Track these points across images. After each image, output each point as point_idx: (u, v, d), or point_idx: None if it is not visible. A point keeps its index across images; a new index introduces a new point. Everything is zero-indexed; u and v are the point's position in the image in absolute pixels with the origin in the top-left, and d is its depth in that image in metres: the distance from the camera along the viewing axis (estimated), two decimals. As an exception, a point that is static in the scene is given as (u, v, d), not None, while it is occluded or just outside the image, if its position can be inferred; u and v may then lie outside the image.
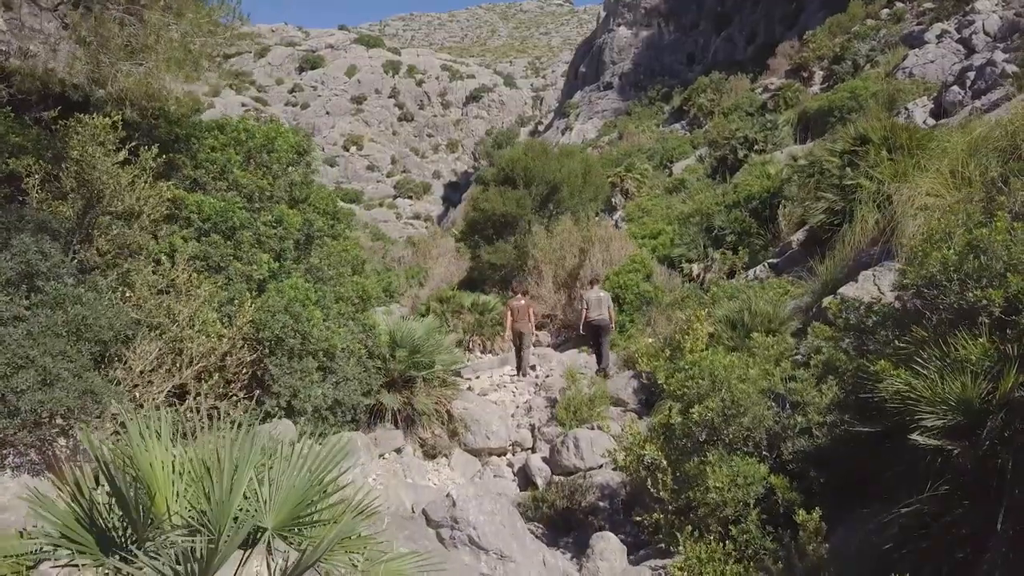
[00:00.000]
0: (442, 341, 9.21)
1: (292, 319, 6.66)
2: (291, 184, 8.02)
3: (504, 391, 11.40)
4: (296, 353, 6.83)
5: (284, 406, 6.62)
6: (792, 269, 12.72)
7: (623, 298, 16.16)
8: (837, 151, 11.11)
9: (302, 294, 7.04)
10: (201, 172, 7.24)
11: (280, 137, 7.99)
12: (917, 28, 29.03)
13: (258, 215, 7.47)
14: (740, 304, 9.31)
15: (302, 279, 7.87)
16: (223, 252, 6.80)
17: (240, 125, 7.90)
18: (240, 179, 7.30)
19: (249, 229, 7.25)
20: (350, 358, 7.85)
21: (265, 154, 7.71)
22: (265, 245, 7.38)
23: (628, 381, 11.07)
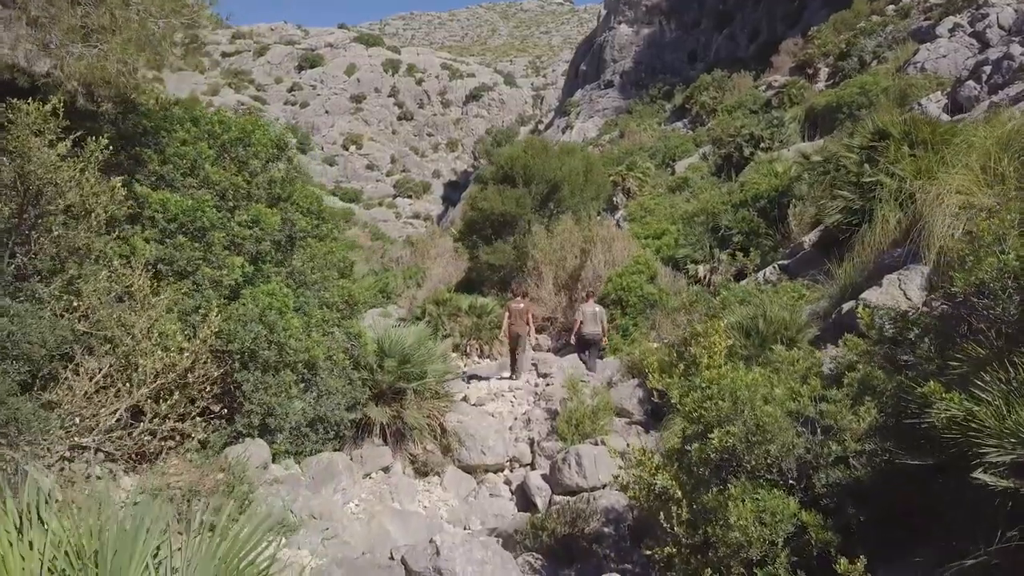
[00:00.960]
0: (434, 349, 8.60)
1: (266, 329, 6.05)
2: (270, 181, 7.41)
3: (502, 401, 10.78)
4: (271, 366, 6.23)
5: (257, 425, 6.02)
6: (805, 271, 12.10)
7: (626, 301, 15.56)
8: (854, 147, 10.49)
9: (279, 301, 6.44)
10: (169, 168, 6.63)
11: (258, 130, 7.38)
12: (925, 23, 28.42)
13: (232, 215, 6.86)
14: (754, 310, 8.70)
15: (282, 284, 7.26)
16: (190, 255, 6.19)
17: (215, 117, 7.29)
18: (212, 175, 6.69)
19: (222, 230, 6.64)
20: (333, 369, 7.25)
21: (241, 148, 7.10)
22: (240, 248, 6.77)
23: (633, 390, 10.47)
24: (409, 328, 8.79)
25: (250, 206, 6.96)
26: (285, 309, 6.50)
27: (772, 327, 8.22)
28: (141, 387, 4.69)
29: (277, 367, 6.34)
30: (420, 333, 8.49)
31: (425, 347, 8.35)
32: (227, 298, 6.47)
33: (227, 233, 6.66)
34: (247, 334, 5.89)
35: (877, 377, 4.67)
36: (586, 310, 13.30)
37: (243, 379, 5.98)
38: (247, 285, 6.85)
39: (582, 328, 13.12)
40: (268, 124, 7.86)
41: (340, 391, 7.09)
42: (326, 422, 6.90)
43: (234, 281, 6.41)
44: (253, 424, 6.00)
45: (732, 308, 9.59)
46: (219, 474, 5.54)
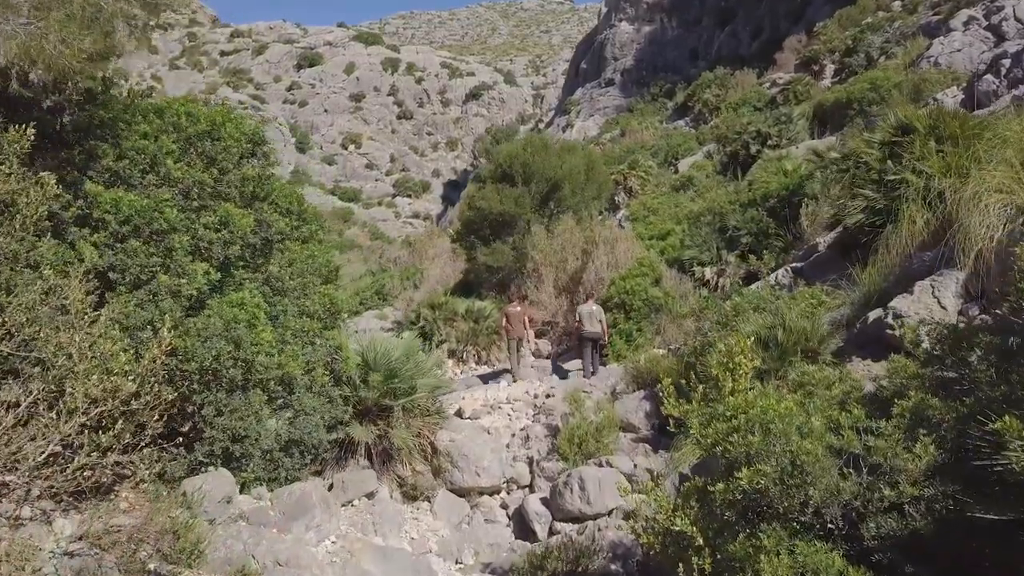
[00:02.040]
0: (424, 361, 7.92)
1: (232, 344, 5.37)
2: (243, 179, 6.72)
3: (499, 414, 10.09)
4: (238, 386, 5.55)
5: (220, 453, 5.34)
6: (821, 274, 11.41)
7: (630, 304, 14.89)
8: (875, 142, 9.80)
9: (248, 312, 5.76)
10: (125, 164, 5.95)
11: (229, 123, 6.69)
12: (934, 18, 27.79)
13: (198, 216, 6.18)
14: (771, 318, 8.02)
15: (255, 292, 6.58)
16: (144, 262, 5.51)
17: (181, 108, 6.61)
18: (174, 172, 6.01)
19: (185, 233, 5.96)
20: (311, 386, 6.57)
21: (209, 143, 6.41)
22: (206, 252, 6.09)
23: (639, 403, 9.78)
24: (397, 338, 8.10)
25: (219, 206, 6.29)
26: (256, 321, 5.83)
27: (792, 338, 7.53)
28: (74, 416, 4.02)
29: (245, 386, 5.67)
30: (409, 344, 7.80)
31: (414, 359, 7.67)
32: (189, 309, 5.81)
33: (192, 236, 5.98)
34: (207, 352, 5.22)
35: (932, 406, 3.99)
36: (583, 310, 13.51)
37: (205, 401, 5.32)
38: (215, 294, 6.18)
39: (581, 328, 13.35)
40: (242, 117, 7.17)
41: (319, 410, 6.41)
42: (302, 445, 6.22)
43: (197, 290, 5.73)
44: (215, 453, 5.34)
45: (746, 315, 8.90)
46: (174, 511, 4.86)
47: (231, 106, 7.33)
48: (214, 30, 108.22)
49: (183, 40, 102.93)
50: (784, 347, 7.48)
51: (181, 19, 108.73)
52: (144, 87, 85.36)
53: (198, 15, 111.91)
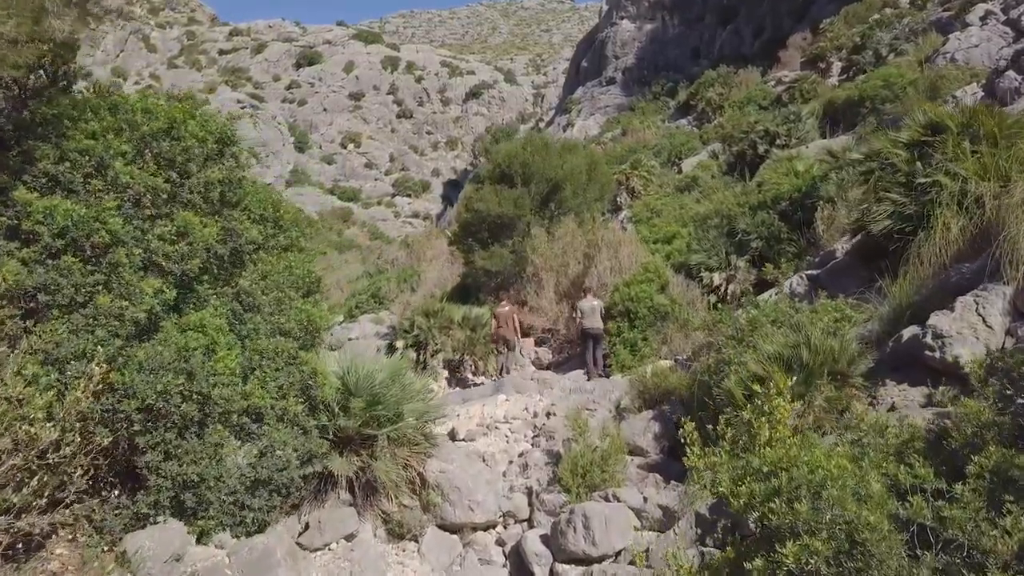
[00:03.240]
0: (412, 384, 7.18)
1: (184, 377, 4.65)
2: (207, 184, 5.99)
3: (495, 435, 9.36)
4: (192, 423, 4.82)
5: (167, 503, 4.61)
6: (839, 283, 10.68)
7: (634, 312, 14.15)
8: (902, 142, 9.06)
9: (206, 337, 5.03)
10: (66, 167, 5.22)
11: (192, 121, 5.96)
12: (945, 14, 27.09)
13: (152, 226, 5.45)
14: (794, 336, 7.28)
15: (221, 310, 5.85)
16: (79, 281, 4.78)
17: (137, 104, 5.88)
18: (122, 176, 5.27)
19: (137, 245, 5.23)
20: (284, 416, 5.84)
21: (166, 143, 5.68)
22: (160, 268, 5.36)
23: (647, 423, 9.05)
24: (383, 358, 7.34)
25: (176, 215, 5.57)
26: (216, 347, 5.10)
27: (818, 358, 6.80)
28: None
29: (203, 423, 4.95)
30: (394, 365, 7.06)
31: (400, 382, 6.94)
32: (140, 334, 5.09)
33: (144, 250, 5.26)
34: (148, 388, 4.50)
35: (1019, 466, 3.26)
36: (584, 305, 13.53)
37: (147, 445, 4.60)
38: (173, 314, 5.46)
39: (583, 323, 13.37)
40: (209, 114, 6.44)
41: (291, 444, 5.68)
42: (272, 484, 5.49)
43: (147, 312, 5.00)
44: (162, 503, 4.61)
45: (763, 330, 8.17)
46: (112, 573, 4.14)
47: (198, 101, 6.59)
48: (213, 29, 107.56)
49: (182, 39, 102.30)
50: (810, 369, 6.75)
51: (180, 18, 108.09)
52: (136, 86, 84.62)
53: (197, 14, 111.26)
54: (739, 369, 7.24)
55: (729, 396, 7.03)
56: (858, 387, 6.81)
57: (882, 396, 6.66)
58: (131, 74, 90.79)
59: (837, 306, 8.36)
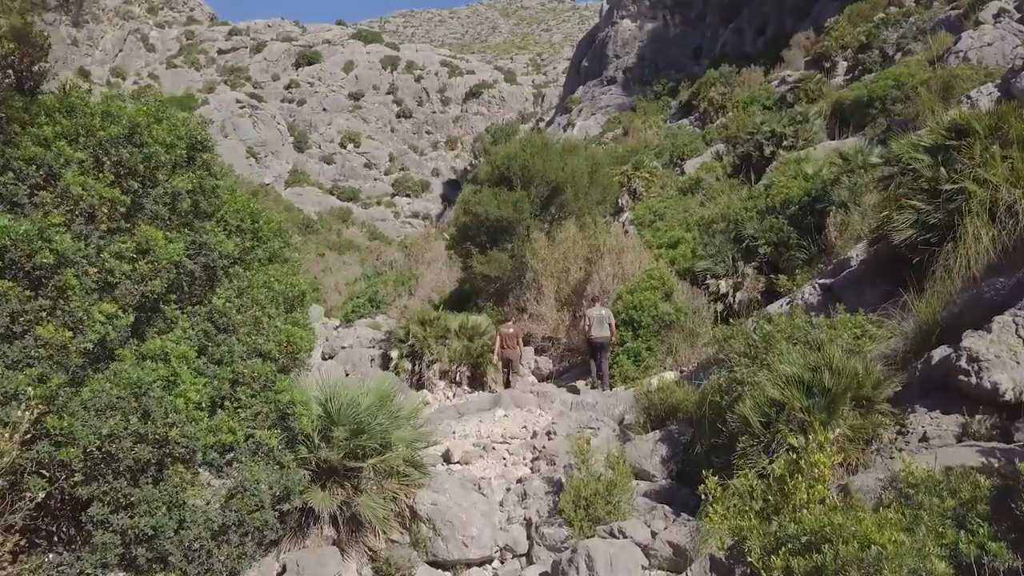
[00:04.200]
0: (401, 409, 6.63)
1: (137, 416, 4.11)
2: (174, 194, 5.45)
3: (492, 456, 8.81)
4: (150, 466, 4.28)
5: (116, 561, 4.07)
6: (855, 294, 10.13)
7: (638, 321, 13.63)
8: (925, 146, 8.52)
9: (167, 367, 4.50)
10: (8, 177, 4.68)
11: (157, 125, 5.43)
12: (953, 12, 26.63)
13: (109, 242, 4.92)
14: (813, 356, 6.73)
15: (188, 333, 5.32)
16: (15, 308, 4.24)
17: (97, 107, 5.35)
18: (74, 187, 4.73)
19: (92, 265, 4.69)
20: (258, 450, 5.31)
21: (126, 150, 5.14)
22: (117, 290, 4.82)
23: (654, 446, 8.53)
24: (367, 382, 6.79)
25: (137, 230, 5.03)
26: (178, 378, 4.57)
27: (841, 382, 6.25)
28: None
29: (161, 465, 4.42)
30: (381, 390, 6.51)
31: (388, 409, 6.40)
32: (93, 364, 4.55)
33: (98, 270, 4.72)
34: (91, 432, 3.96)
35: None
36: (592, 314, 13.17)
37: (90, 497, 4.06)
38: (134, 339, 4.92)
39: (591, 332, 13.08)
40: (180, 117, 5.89)
41: (266, 481, 5.14)
42: (244, 527, 4.96)
43: (94, 342, 4.46)
44: (108, 562, 4.08)
45: (778, 347, 7.62)
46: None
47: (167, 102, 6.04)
48: (212, 28, 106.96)
49: (180, 38, 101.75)
50: (833, 394, 6.21)
51: (179, 17, 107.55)
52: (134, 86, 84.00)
53: (196, 13, 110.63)
54: (754, 392, 6.70)
55: (744, 422, 6.49)
56: (885, 414, 6.27)
57: (912, 425, 6.12)
58: (130, 74, 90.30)
59: (857, 321, 7.81)
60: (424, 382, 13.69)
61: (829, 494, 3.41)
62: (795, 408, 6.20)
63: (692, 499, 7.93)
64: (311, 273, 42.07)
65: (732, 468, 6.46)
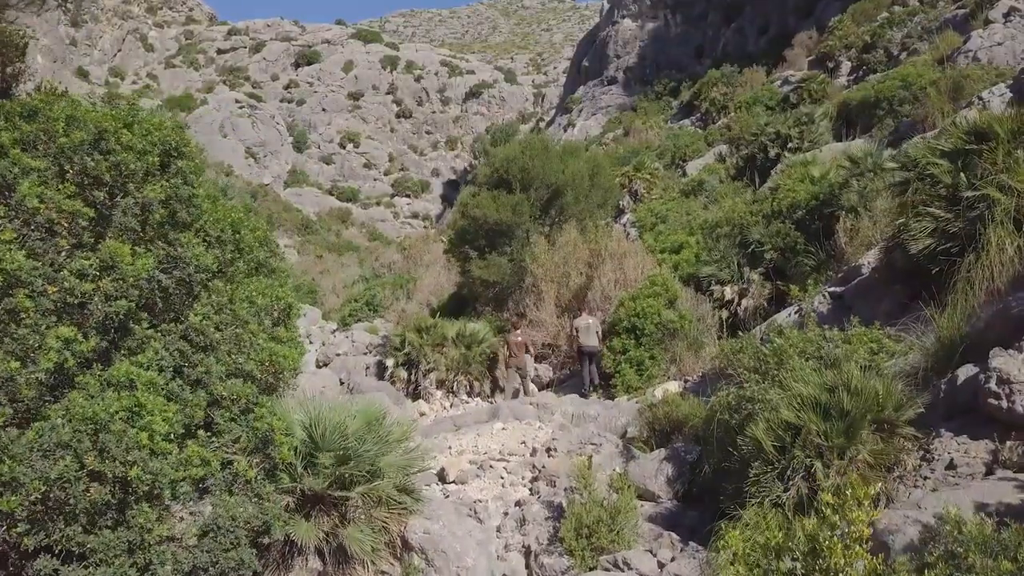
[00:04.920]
0: (391, 432, 6.22)
1: (95, 455, 3.72)
2: (145, 206, 5.06)
3: (490, 476, 8.41)
4: (110, 508, 3.89)
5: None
6: (868, 303, 9.75)
7: (641, 329, 13.23)
8: (944, 151, 8.12)
9: (131, 397, 4.10)
10: (-44, 190, 4.30)
11: (126, 130, 5.03)
12: (960, 11, 26.26)
13: (70, 259, 4.52)
14: (831, 375, 6.33)
15: (160, 354, 4.93)
16: (-43, 337, 3.86)
17: (62, 110, 4.95)
18: (29, 199, 4.34)
19: (50, 284, 4.29)
20: (235, 482, 4.91)
21: (90, 159, 4.74)
22: (80, 311, 4.42)
23: (659, 465, 8.12)
24: (354, 402, 6.37)
25: (102, 244, 4.64)
26: (141, 410, 4.18)
27: (860, 404, 5.86)
28: None
29: (122, 506, 4.03)
30: (370, 412, 6.10)
31: (377, 432, 6.00)
32: (52, 391, 4.16)
33: (58, 289, 4.34)
34: (35, 477, 3.56)
35: None
36: (579, 324, 13.37)
37: (38, 547, 3.67)
38: (96, 365, 4.53)
39: (580, 342, 13.31)
40: (154, 122, 5.49)
41: (243, 516, 4.75)
42: (217, 568, 4.56)
43: (47, 371, 4.07)
44: (59, 620, 3.68)
45: (790, 362, 7.22)
46: None
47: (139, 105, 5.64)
48: (211, 28, 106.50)
49: (179, 38, 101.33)
50: (852, 417, 5.81)
51: (178, 16, 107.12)
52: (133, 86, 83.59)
53: (195, 12, 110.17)
54: (767, 413, 6.31)
55: (757, 446, 6.10)
56: (908, 438, 5.87)
57: (937, 450, 5.73)
58: (128, 74, 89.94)
59: (873, 336, 7.41)
60: (420, 391, 13.30)
61: (865, 555, 3.01)
62: (811, 432, 5.82)
63: (699, 522, 7.55)
64: (309, 275, 41.77)
65: (744, 495, 6.08)
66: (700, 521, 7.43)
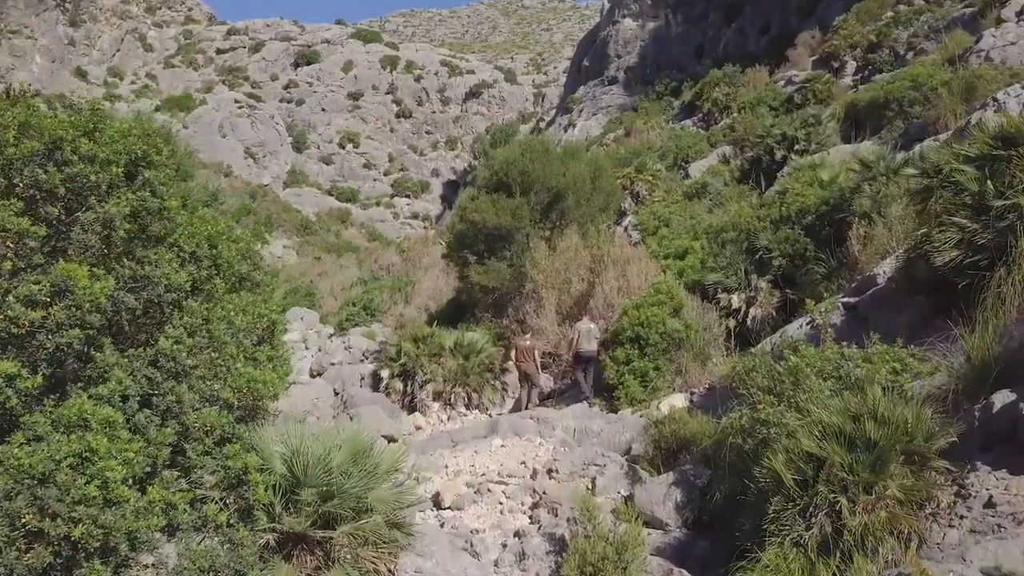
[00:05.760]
0: (379, 465, 5.74)
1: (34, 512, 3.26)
2: (107, 222, 4.60)
3: (487, 500, 7.94)
4: (51, 569, 3.43)
5: None
6: (884, 315, 9.27)
7: (645, 339, 12.74)
8: (969, 156, 7.65)
9: (79, 443, 3.65)
10: None
11: (85, 138, 4.57)
12: (967, 10, 25.83)
13: (16, 284, 4.07)
14: (854, 401, 5.86)
15: (120, 390, 4.47)
16: None
17: (13, 117, 4.49)
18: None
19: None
20: (204, 524, 4.45)
21: (42, 171, 4.28)
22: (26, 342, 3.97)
23: (667, 490, 7.66)
24: (341, 430, 5.89)
25: (52, 267, 4.19)
26: (94, 454, 3.72)
27: (889, 433, 5.39)
28: None
29: (71, 564, 3.57)
30: (357, 443, 5.61)
31: (363, 464, 5.53)
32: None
33: (3, 317, 3.88)
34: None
35: None
36: (581, 328, 13.33)
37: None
38: (48, 399, 4.07)
39: (579, 346, 13.23)
40: (120, 127, 5.03)
41: (213, 565, 4.29)
42: (182, 624, 4.11)
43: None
44: None
45: (807, 382, 6.75)
46: None
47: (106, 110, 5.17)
48: (210, 28, 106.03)
49: (178, 38, 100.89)
50: (879, 448, 5.35)
51: (177, 16, 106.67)
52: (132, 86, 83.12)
53: (194, 12, 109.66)
54: (785, 441, 5.84)
55: (775, 479, 5.63)
56: (940, 471, 5.41)
57: (974, 486, 5.26)
58: (127, 74, 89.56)
59: (896, 354, 6.93)
60: (417, 404, 12.83)
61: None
62: (835, 465, 5.36)
63: (710, 553, 7.09)
64: (307, 277, 41.29)
65: (762, 532, 5.63)
66: (711, 553, 6.98)
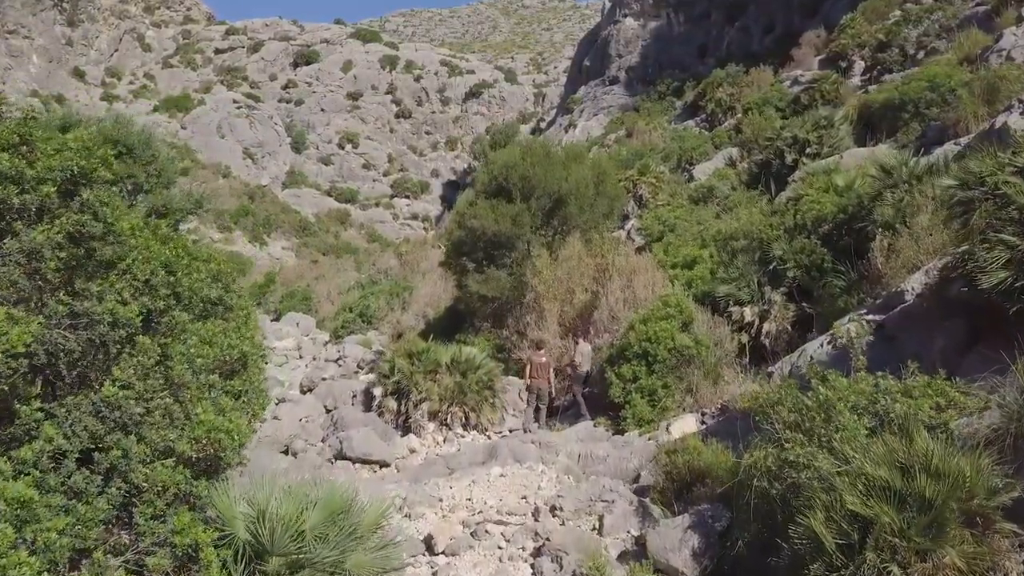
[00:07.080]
0: (358, 525, 5.01)
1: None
2: (32, 253, 3.91)
3: (485, 544, 7.22)
4: None
5: None
6: (915, 336, 8.55)
7: (653, 355, 12.03)
8: (1016, 165, 6.94)
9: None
10: None
11: (6, 153, 3.87)
12: (980, 8, 25.18)
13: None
14: (896, 445, 5.15)
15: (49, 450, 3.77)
16: None
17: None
18: None
19: None
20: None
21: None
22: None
23: (683, 534, 6.95)
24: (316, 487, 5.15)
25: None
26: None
27: (946, 490, 4.68)
28: None
29: None
30: (334, 501, 4.85)
31: (341, 525, 4.81)
32: None
33: None
34: None
35: None
36: (584, 349, 13.55)
37: None
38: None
39: (580, 368, 13.46)
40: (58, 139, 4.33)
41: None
42: None
43: None
44: None
45: (840, 419, 6.04)
46: None
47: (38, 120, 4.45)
48: (209, 27, 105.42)
49: (177, 38, 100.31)
50: (936, 508, 4.64)
51: (176, 16, 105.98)
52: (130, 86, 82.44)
53: (193, 12, 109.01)
54: (824, 496, 5.12)
55: (815, 541, 4.92)
56: (1006, 534, 4.70)
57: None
58: (125, 74, 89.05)
59: (939, 387, 6.22)
60: (411, 424, 12.12)
61: None
62: (885, 526, 4.66)
63: (732, 609, 6.42)
64: (304, 280, 40.61)
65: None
66: (733, 608, 6.30)
